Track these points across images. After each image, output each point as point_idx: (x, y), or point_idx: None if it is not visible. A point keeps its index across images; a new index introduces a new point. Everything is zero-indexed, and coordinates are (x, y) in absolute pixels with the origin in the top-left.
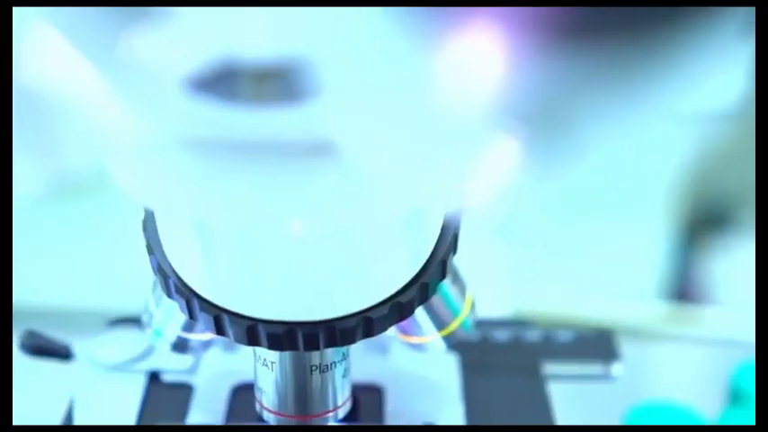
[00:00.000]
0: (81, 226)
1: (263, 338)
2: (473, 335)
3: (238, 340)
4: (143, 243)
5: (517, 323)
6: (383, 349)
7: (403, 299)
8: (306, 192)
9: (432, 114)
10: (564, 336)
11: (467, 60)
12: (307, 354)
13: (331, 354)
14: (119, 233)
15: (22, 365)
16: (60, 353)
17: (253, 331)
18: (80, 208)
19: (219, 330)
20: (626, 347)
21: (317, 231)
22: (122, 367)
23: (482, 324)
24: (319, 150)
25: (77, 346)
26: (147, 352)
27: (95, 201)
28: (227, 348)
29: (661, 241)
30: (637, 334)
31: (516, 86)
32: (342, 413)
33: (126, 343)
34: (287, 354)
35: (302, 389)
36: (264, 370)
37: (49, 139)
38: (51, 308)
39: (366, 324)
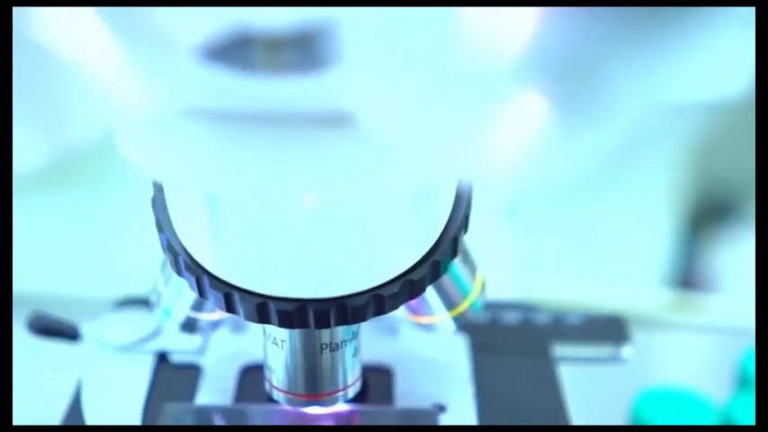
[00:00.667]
0: (84, 212)
1: (274, 316)
2: (482, 317)
3: (249, 318)
4: (148, 226)
5: (526, 306)
6: (392, 331)
7: (414, 276)
8: (320, 164)
9: (455, 73)
10: (573, 318)
11: (493, 15)
12: (317, 332)
13: (341, 332)
14: (123, 219)
15: (30, 346)
16: (68, 333)
17: (263, 308)
18: (83, 193)
19: (230, 308)
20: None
21: (329, 206)
22: (130, 348)
23: (491, 306)
24: (337, 121)
25: (85, 327)
26: (156, 332)
27: (99, 186)
28: (236, 329)
29: (666, 231)
30: (643, 321)
31: (543, 40)
32: (351, 392)
33: (134, 324)
34: (297, 332)
35: (312, 368)
36: (274, 348)
37: (52, 110)
38: (57, 293)
39: (377, 301)
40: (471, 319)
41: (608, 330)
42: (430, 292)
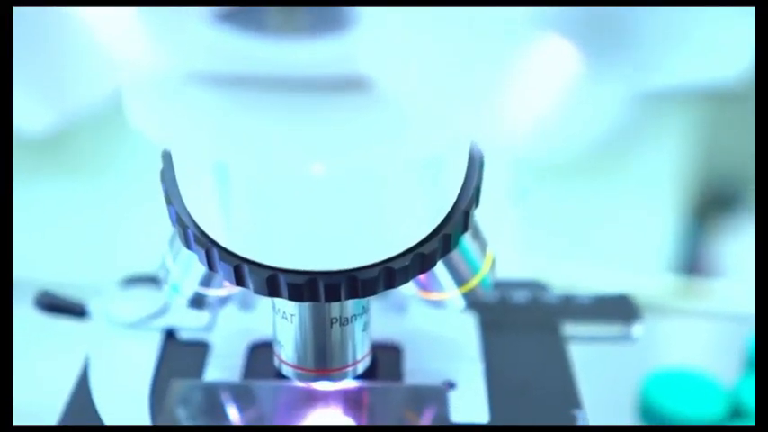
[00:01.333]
0: (88, 197)
1: (284, 289)
2: (492, 295)
3: (258, 291)
4: (152, 211)
5: (535, 285)
6: (401, 308)
7: (425, 250)
8: (332, 131)
9: (471, 24)
10: (583, 297)
11: None
12: (327, 306)
13: (351, 306)
14: (127, 204)
15: (38, 323)
16: (75, 310)
17: (273, 281)
18: (87, 178)
19: (239, 281)
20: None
21: (340, 176)
22: (138, 325)
23: (500, 285)
24: (353, 85)
25: (92, 304)
26: (163, 310)
27: (103, 171)
28: (244, 306)
29: (672, 221)
30: (649, 307)
31: None
32: (361, 368)
33: (141, 301)
34: (307, 306)
35: (322, 342)
36: (284, 323)
37: (57, 72)
38: (63, 277)
39: (388, 274)
40: (481, 297)
41: (618, 309)
42: (440, 269)
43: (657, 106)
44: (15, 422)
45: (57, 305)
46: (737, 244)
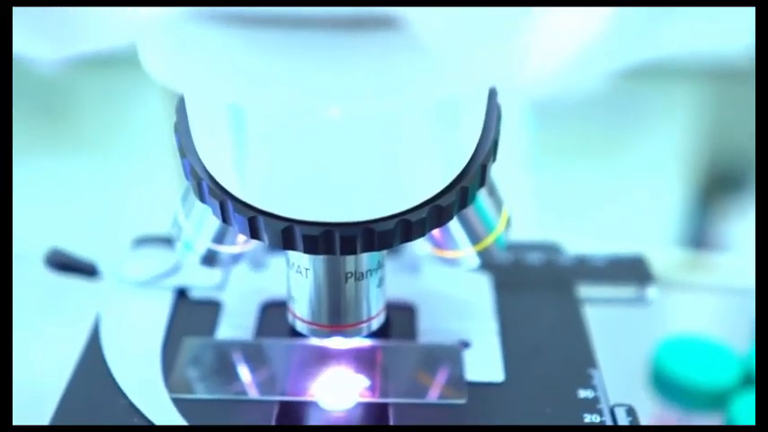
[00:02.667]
0: (93, 175)
1: (299, 241)
2: (505, 257)
3: (273, 243)
4: (155, 192)
5: (550, 247)
6: (415, 269)
7: (442, 202)
8: (352, 71)
9: None
10: (597, 259)
11: None
12: (342, 260)
13: (366, 261)
14: (132, 182)
15: (49, 282)
16: (85, 269)
17: (288, 233)
18: (92, 157)
19: (254, 233)
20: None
21: (357, 124)
22: (149, 283)
23: (514, 247)
24: (375, 24)
25: (103, 263)
26: (175, 269)
27: (110, 150)
28: (256, 266)
29: (678, 200)
30: (657, 280)
31: None
32: (375, 324)
33: (152, 260)
34: (322, 260)
35: (336, 297)
36: (298, 278)
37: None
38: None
39: (404, 227)
40: (495, 255)
41: (632, 271)
42: (455, 226)
43: (665, 86)
44: (25, 387)
45: (67, 264)
46: (743, 223)
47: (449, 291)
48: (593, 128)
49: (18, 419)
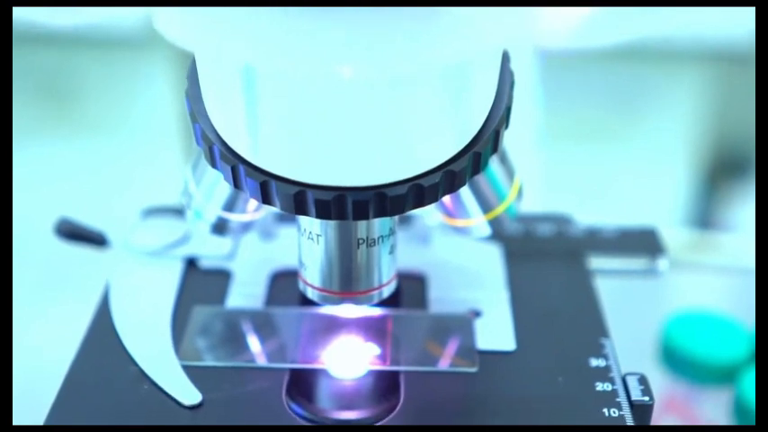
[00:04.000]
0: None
1: (311, 205)
2: (516, 226)
3: (285, 208)
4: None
5: (560, 218)
6: (425, 239)
7: (455, 167)
8: (365, 30)
9: None
10: (608, 231)
11: None
12: (353, 226)
13: (378, 227)
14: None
15: (58, 251)
16: (95, 239)
17: (301, 198)
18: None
19: (266, 198)
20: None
21: (370, 86)
22: (158, 253)
23: (525, 219)
24: None
25: (112, 233)
26: (184, 238)
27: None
28: (266, 236)
29: (684, 185)
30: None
31: None
32: (387, 292)
33: (161, 230)
34: (333, 226)
35: (348, 264)
36: (310, 244)
37: None
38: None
39: (417, 192)
40: (506, 224)
41: (643, 243)
42: (466, 194)
43: (672, 73)
44: (35, 359)
45: (76, 233)
46: (749, 206)
47: (460, 261)
48: (600, 112)
49: (28, 393)
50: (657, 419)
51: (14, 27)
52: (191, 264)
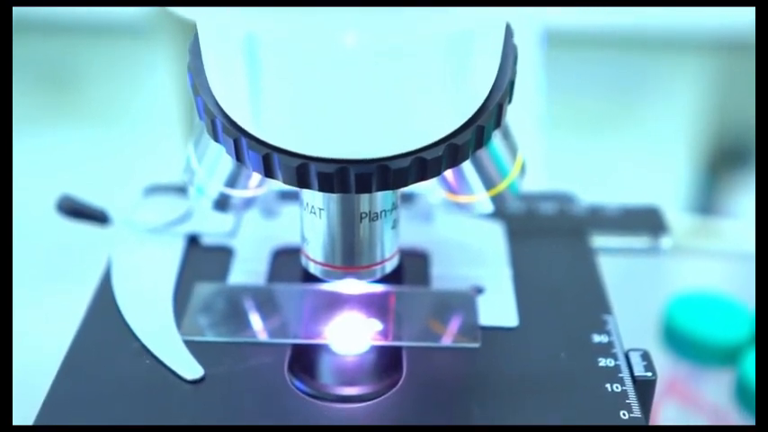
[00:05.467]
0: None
1: (314, 178)
2: (519, 203)
3: (288, 181)
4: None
5: (563, 197)
6: (428, 217)
7: (458, 141)
8: None
9: None
10: (610, 210)
11: None
12: (356, 200)
13: (381, 201)
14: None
15: (61, 228)
16: (96, 216)
17: (303, 170)
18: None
19: (268, 171)
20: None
21: (373, 57)
22: (160, 230)
23: (528, 197)
24: None
25: (114, 211)
26: (186, 216)
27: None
28: (268, 214)
29: (686, 174)
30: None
31: None
32: (389, 267)
33: (163, 207)
34: (336, 200)
35: (350, 238)
36: (312, 218)
37: None
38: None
39: (420, 165)
40: (509, 201)
41: (646, 221)
42: (469, 170)
43: (675, 61)
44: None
45: (78, 210)
46: (748, 196)
47: (462, 238)
48: (602, 101)
49: (29, 375)
50: (659, 402)
51: (15, 15)
52: (192, 241)
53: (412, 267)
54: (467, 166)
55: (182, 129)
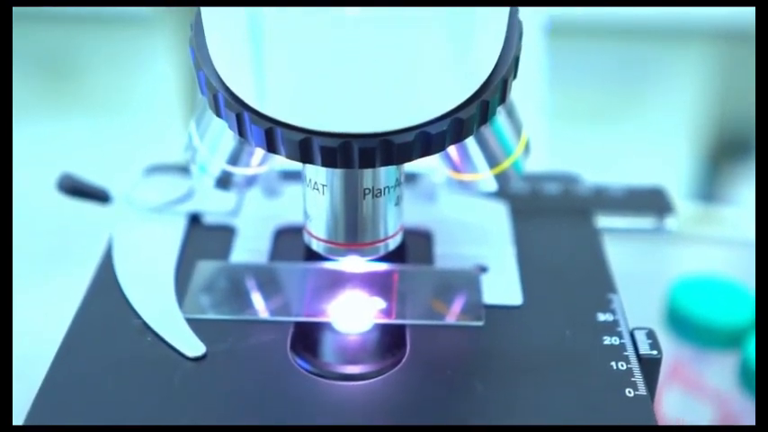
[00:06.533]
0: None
1: (317, 153)
2: (523, 186)
3: (291, 155)
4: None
5: (567, 177)
6: (431, 197)
7: (463, 115)
8: None
9: None
10: (615, 190)
11: None
12: (360, 176)
13: (384, 177)
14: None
15: (62, 206)
16: (98, 195)
17: (306, 145)
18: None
19: (271, 146)
20: (657, 243)
21: (376, 29)
22: (162, 209)
23: (532, 178)
24: None
25: (115, 187)
26: (188, 195)
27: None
28: (270, 193)
29: (687, 165)
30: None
31: None
32: (392, 244)
33: (164, 187)
34: (339, 176)
35: (353, 214)
36: (315, 195)
37: None
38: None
39: (424, 139)
40: (513, 181)
41: (651, 202)
42: (473, 147)
43: (676, 51)
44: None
45: (79, 189)
46: (749, 188)
47: (466, 218)
48: (604, 92)
49: (30, 357)
50: (662, 387)
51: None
52: (194, 220)
53: (416, 246)
54: (471, 143)
55: (182, 118)
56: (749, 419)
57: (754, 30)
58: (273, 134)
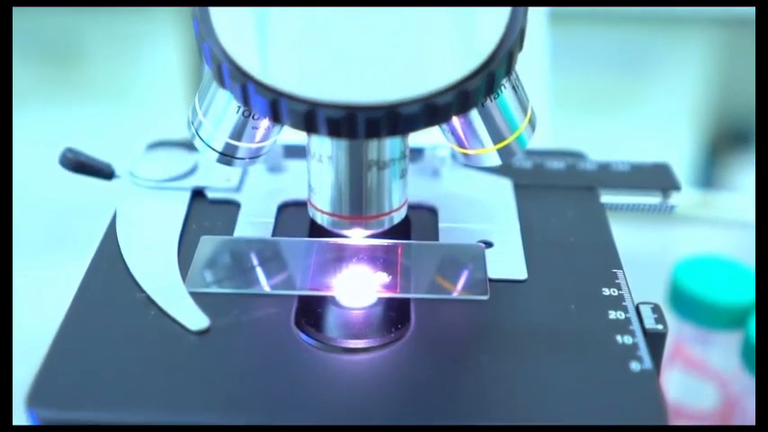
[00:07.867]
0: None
1: (322, 123)
2: (527, 163)
3: (295, 126)
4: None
5: (572, 153)
6: (435, 173)
7: (468, 86)
8: None
9: None
10: (620, 166)
11: None
12: (364, 148)
13: (389, 149)
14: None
15: (65, 181)
16: (101, 171)
17: (311, 116)
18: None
19: (276, 116)
20: (659, 227)
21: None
22: (165, 184)
23: (536, 153)
24: None
25: (119, 165)
26: (191, 170)
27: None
28: (273, 169)
29: (688, 153)
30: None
31: None
32: (397, 218)
33: (168, 162)
34: (344, 148)
35: (358, 186)
36: (319, 167)
37: None
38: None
39: (429, 110)
40: (517, 154)
41: (656, 178)
42: (478, 122)
43: (677, 38)
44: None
45: (82, 164)
46: (749, 175)
47: (470, 194)
48: (605, 78)
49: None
50: (664, 367)
51: None
52: (198, 195)
53: (420, 222)
54: (476, 117)
55: (185, 104)
56: (751, 399)
57: (753, 18)
58: (278, 105)
